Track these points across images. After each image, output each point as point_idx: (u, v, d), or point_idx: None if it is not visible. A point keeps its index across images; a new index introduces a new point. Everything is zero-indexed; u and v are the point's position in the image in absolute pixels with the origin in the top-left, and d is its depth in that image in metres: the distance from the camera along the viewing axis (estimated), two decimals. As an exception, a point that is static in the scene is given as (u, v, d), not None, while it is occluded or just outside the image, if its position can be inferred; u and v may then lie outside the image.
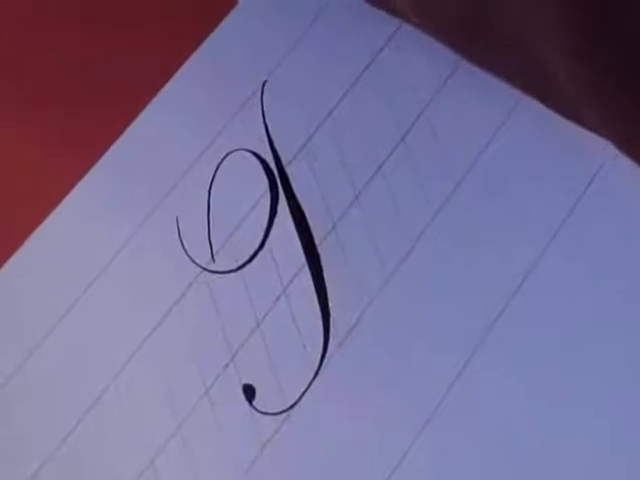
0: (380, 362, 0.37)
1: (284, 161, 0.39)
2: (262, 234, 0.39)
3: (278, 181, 0.39)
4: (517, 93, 0.38)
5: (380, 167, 0.39)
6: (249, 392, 0.37)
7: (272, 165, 0.39)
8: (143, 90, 0.41)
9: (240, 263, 0.38)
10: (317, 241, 0.38)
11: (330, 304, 0.38)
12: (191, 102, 0.41)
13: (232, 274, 0.38)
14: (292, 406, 0.36)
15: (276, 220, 0.39)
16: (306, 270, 0.38)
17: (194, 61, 0.42)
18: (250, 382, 0.37)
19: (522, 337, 0.36)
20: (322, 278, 0.38)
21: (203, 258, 0.39)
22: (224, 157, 0.39)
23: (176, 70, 0.42)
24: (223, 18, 0.42)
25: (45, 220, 0.39)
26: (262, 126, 0.38)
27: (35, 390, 0.37)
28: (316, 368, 0.37)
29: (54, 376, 0.37)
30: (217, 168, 0.39)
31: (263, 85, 0.41)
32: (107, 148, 0.40)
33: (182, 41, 0.42)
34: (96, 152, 0.40)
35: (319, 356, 0.37)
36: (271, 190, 0.39)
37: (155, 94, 0.41)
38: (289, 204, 0.39)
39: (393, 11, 0.38)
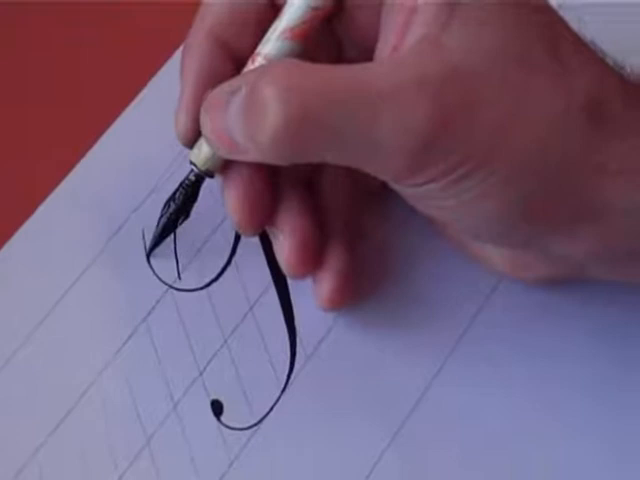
0: (347, 377, 0.37)
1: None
2: (229, 251, 0.39)
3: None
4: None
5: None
6: (217, 407, 0.37)
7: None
8: (114, 102, 0.42)
9: (207, 281, 0.39)
10: (283, 258, 0.39)
11: (296, 321, 0.38)
12: (156, 121, 0.41)
13: (199, 292, 0.39)
14: (260, 421, 0.36)
15: (242, 238, 0.39)
16: (272, 287, 0.38)
17: (160, 78, 0.42)
18: (218, 397, 0.37)
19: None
20: (288, 295, 0.38)
21: (169, 276, 0.39)
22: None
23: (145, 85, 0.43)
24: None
25: (13, 237, 0.39)
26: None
27: (2, 406, 0.37)
28: (283, 383, 0.37)
29: (22, 393, 0.37)
30: (183, 185, 0.40)
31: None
32: (70, 170, 0.41)
33: (148, 60, 0.43)
34: (60, 176, 0.41)
35: (286, 372, 0.37)
36: (238, 208, 0.39)
37: (124, 108, 0.42)
38: (256, 222, 0.39)
39: None
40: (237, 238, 0.39)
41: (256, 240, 0.38)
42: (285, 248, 0.36)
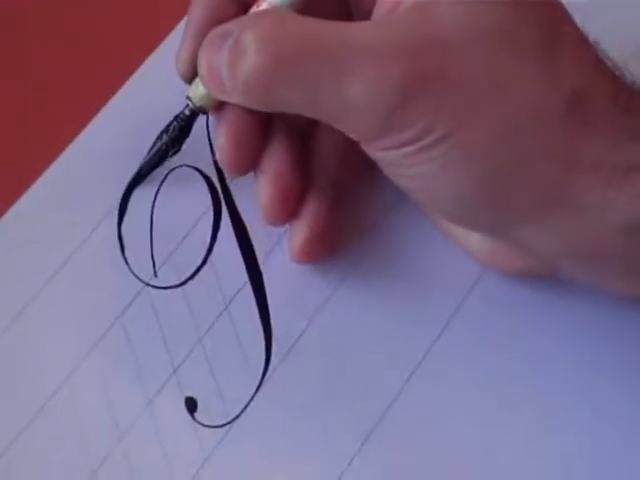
0: (321, 376, 0.37)
1: (227, 177, 0.39)
2: (205, 250, 0.39)
3: (221, 197, 0.39)
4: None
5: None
6: (191, 404, 0.37)
7: (215, 181, 0.40)
8: (91, 99, 0.42)
9: (183, 279, 0.39)
10: (260, 258, 0.39)
11: (272, 320, 0.38)
12: (134, 118, 0.41)
13: (175, 290, 0.39)
14: (234, 419, 0.36)
15: (219, 236, 0.39)
16: (249, 286, 0.38)
17: (139, 78, 0.43)
18: (192, 395, 0.37)
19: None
20: (264, 294, 0.38)
21: (146, 273, 0.39)
22: (168, 173, 0.40)
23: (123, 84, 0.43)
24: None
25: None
26: (207, 142, 0.39)
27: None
28: (258, 382, 0.37)
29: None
30: (161, 184, 0.40)
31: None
32: (49, 165, 0.41)
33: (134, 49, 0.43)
34: (38, 169, 0.41)
35: (261, 370, 0.37)
36: (214, 206, 0.39)
37: (101, 106, 0.42)
38: (232, 220, 0.39)
39: None
40: (214, 237, 0.39)
41: (233, 240, 0.39)
42: (265, 192, 0.36)
